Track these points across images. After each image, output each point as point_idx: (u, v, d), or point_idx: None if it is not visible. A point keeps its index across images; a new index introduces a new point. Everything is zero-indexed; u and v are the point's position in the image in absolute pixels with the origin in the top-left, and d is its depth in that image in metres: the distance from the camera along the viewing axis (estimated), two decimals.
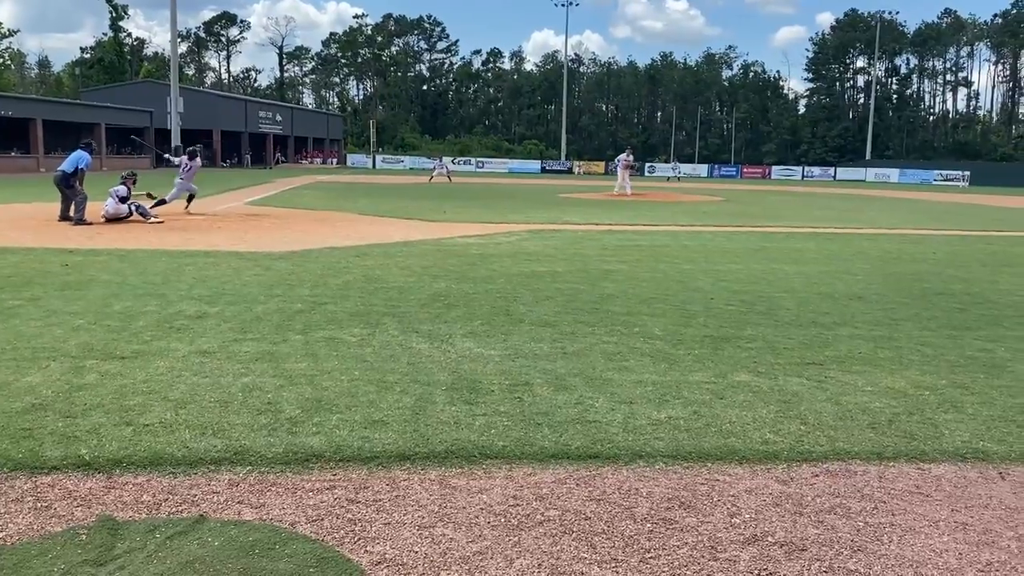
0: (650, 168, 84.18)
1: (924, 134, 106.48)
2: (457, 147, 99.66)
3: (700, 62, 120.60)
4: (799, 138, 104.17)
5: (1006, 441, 4.50)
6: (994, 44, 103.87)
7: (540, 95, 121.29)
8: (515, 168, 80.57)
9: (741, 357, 6.18)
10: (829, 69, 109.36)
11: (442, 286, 9.03)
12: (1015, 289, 10.03)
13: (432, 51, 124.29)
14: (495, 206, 24.64)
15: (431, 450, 4.10)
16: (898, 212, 27.70)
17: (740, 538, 3.29)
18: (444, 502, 3.54)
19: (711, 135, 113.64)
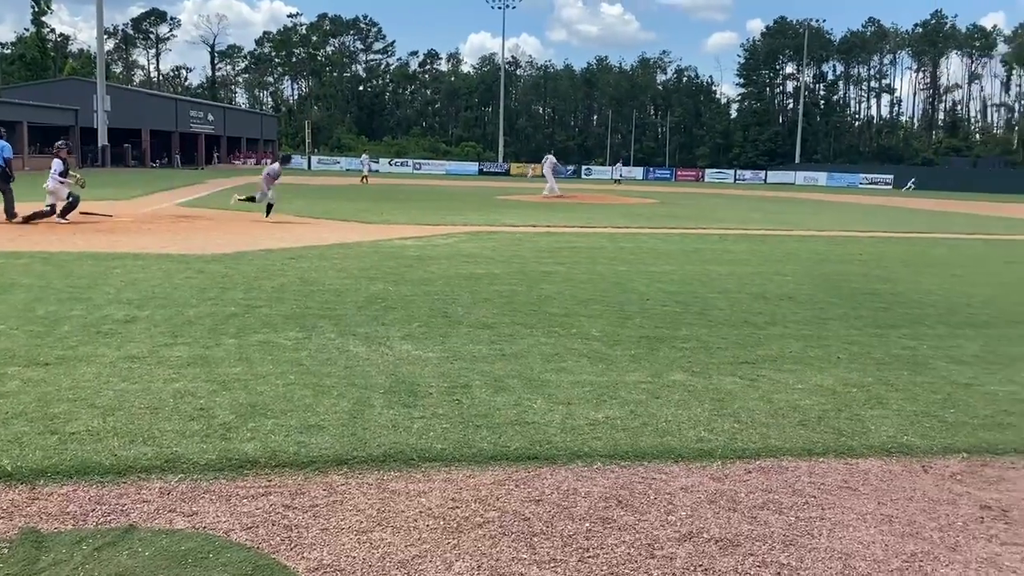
0: (587, 171, 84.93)
1: (850, 139, 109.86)
2: (394, 148, 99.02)
3: (635, 66, 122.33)
4: (731, 142, 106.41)
5: (928, 435, 4.67)
6: (915, 53, 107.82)
7: (477, 97, 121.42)
8: (453, 170, 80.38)
9: (676, 357, 6.27)
10: (760, 75, 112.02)
11: (379, 288, 8.96)
12: (936, 289, 10.42)
13: (368, 52, 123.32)
14: (433, 208, 24.54)
15: (369, 454, 4.06)
16: (826, 214, 28.51)
17: (676, 535, 3.34)
18: (382, 506, 3.51)
19: (646, 138, 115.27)
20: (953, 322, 8.14)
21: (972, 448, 4.49)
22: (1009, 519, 3.62)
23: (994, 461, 4.33)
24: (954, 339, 7.31)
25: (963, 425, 4.86)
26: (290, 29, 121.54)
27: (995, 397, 5.47)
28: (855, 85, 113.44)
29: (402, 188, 39.83)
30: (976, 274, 12.22)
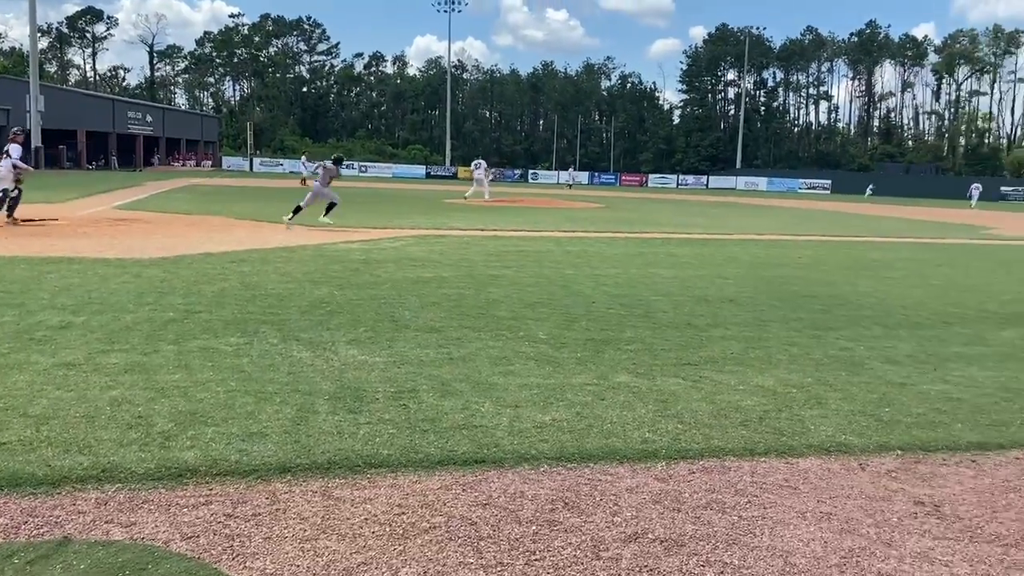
0: (534, 175, 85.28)
1: (790, 144, 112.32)
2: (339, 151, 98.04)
3: (580, 72, 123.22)
4: (674, 147, 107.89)
5: (865, 434, 4.79)
6: (851, 61, 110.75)
7: (424, 100, 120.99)
8: (399, 173, 79.94)
9: (621, 359, 6.34)
10: (702, 81, 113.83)
11: (324, 292, 8.86)
12: (872, 291, 10.71)
13: (312, 53, 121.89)
14: (379, 211, 24.37)
15: (313, 461, 4.01)
16: (766, 219, 29.11)
17: (622, 536, 3.37)
18: (327, 513, 3.47)
19: (591, 143, 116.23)
20: (888, 323, 8.37)
21: (906, 446, 4.63)
22: (941, 514, 3.74)
23: (927, 458, 4.47)
24: (889, 340, 7.53)
25: (898, 423, 5.01)
26: (231, 29, 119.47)
27: (928, 396, 5.65)
28: (794, 92, 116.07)
29: (347, 191, 39.45)
30: (909, 277, 12.60)
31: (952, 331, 8.10)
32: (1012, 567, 3.24)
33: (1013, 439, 4.82)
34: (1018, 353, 7.18)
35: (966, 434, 4.86)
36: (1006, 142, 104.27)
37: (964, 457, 4.50)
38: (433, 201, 32.66)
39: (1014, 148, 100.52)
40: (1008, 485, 4.13)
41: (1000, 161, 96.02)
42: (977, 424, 5.06)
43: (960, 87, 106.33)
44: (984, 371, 6.44)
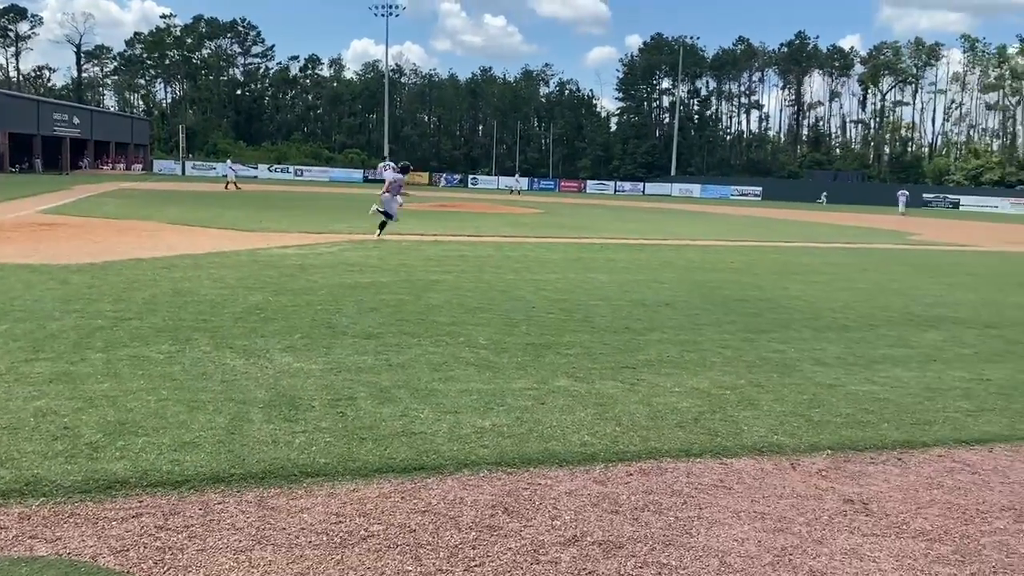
0: (473, 180, 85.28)
1: (722, 152, 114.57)
2: (274, 154, 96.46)
3: (519, 78, 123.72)
4: (611, 154, 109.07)
5: (796, 434, 4.91)
6: (781, 71, 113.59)
7: (361, 104, 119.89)
8: (337, 177, 79.11)
9: (561, 363, 6.37)
10: (638, 89, 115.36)
11: (258, 299, 8.70)
12: (802, 295, 10.99)
13: (247, 55, 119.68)
14: (316, 216, 24.06)
15: (248, 471, 3.93)
16: (701, 224, 29.65)
17: (561, 539, 3.39)
18: (262, 524, 3.41)
19: (530, 149, 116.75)
20: (817, 326, 8.61)
21: (836, 445, 4.76)
22: (869, 511, 3.85)
23: (856, 457, 4.60)
24: (818, 342, 7.73)
25: (827, 424, 5.15)
26: (163, 30, 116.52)
27: (856, 396, 5.82)
28: (727, 101, 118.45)
29: (283, 195, 38.86)
30: (837, 281, 12.97)
31: (878, 333, 8.37)
32: (935, 561, 3.36)
33: (936, 437, 4.99)
34: (940, 355, 7.45)
35: (892, 433, 5.02)
36: (927, 150, 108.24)
37: (890, 455, 4.65)
38: (371, 206, 32.35)
39: (935, 156, 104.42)
40: (932, 482, 4.28)
41: (922, 169, 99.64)
42: (902, 423, 5.24)
43: (884, 97, 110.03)
44: (909, 372, 6.67)
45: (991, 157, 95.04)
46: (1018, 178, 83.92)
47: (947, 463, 4.57)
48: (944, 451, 4.77)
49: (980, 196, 76.35)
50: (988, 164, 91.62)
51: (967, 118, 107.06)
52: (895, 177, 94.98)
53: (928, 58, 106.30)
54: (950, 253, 20.82)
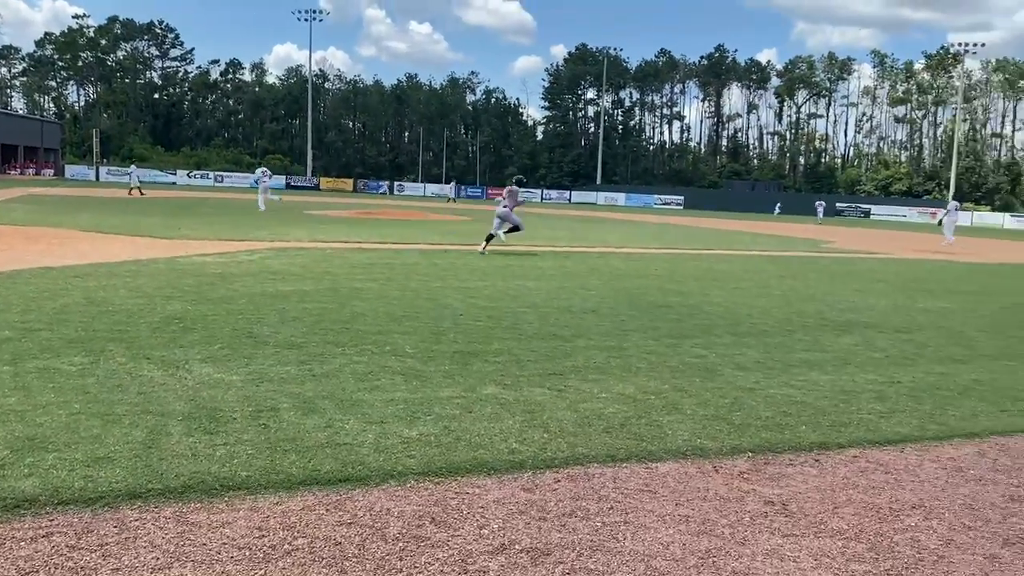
0: (399, 187, 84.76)
1: (646, 162, 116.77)
2: (194, 160, 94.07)
3: (445, 85, 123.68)
4: (538, 162, 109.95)
5: (719, 437, 5.02)
6: (702, 83, 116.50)
7: (284, 109, 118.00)
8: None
9: (489, 371, 6.37)
10: (563, 99, 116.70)
11: (177, 308, 8.45)
12: (723, 301, 11.26)
13: (164, 58, 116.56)
14: (236, 223, 23.51)
15: (166, 485, 3.81)
16: (625, 232, 30.11)
17: (489, 548, 3.38)
18: (181, 540, 3.30)
19: (457, 156, 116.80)
20: (738, 331, 8.82)
21: (756, 448, 4.88)
22: (789, 512, 3.96)
23: (775, 459, 4.73)
24: (739, 347, 7.93)
25: (748, 427, 5.27)
26: (75, 31, 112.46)
27: (775, 400, 5.98)
28: (649, 112, 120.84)
29: (203, 201, 37.88)
30: (756, 287, 13.33)
31: (795, 338, 8.62)
32: (852, 559, 3.47)
33: (851, 438, 5.17)
34: (854, 358, 7.72)
35: (809, 435, 5.18)
36: (840, 161, 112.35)
37: (808, 457, 4.79)
38: (293, 213, 31.84)
39: (847, 167, 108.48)
40: (847, 482, 4.42)
41: (835, 179, 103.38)
42: (819, 425, 5.40)
43: (800, 109, 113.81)
44: (824, 375, 6.89)
45: (900, 168, 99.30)
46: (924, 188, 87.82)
47: (861, 463, 4.73)
48: (859, 452, 4.94)
49: (890, 205, 79.72)
50: (897, 175, 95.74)
51: (877, 130, 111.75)
52: (810, 187, 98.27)
53: (840, 72, 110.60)
54: (862, 260, 21.63)
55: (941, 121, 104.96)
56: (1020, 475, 4.67)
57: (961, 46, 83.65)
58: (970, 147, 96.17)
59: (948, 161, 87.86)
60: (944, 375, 7.15)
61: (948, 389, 6.62)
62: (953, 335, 9.35)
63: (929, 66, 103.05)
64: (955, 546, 3.65)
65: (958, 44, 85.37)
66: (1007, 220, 71.09)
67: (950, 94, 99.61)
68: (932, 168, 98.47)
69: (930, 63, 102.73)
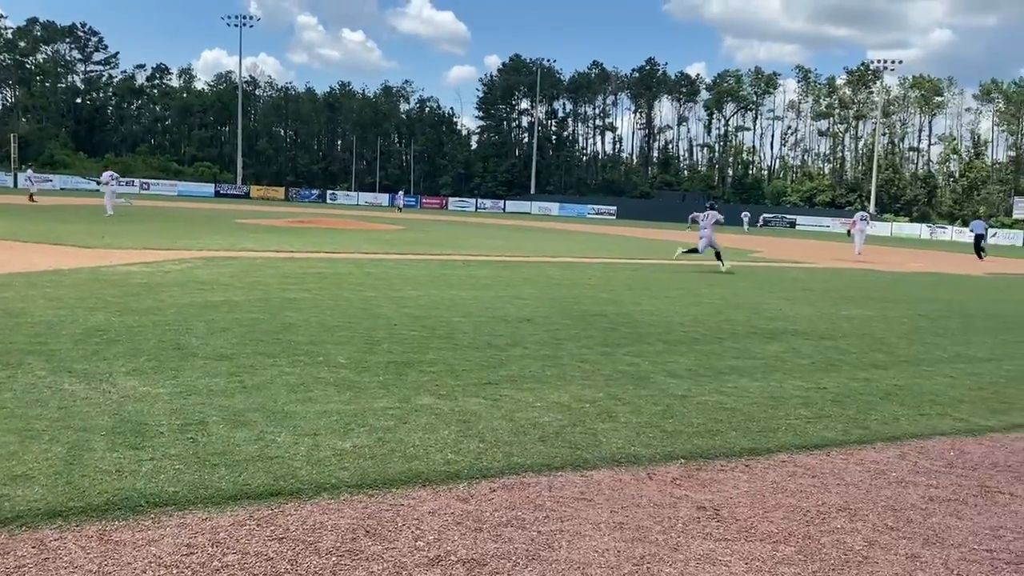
0: (332, 196, 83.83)
1: (579, 172, 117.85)
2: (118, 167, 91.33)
3: (378, 94, 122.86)
4: (472, 172, 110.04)
5: (652, 444, 5.08)
6: (633, 95, 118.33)
7: (213, 116, 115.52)
8: (186, 191, 75.87)
9: (424, 381, 6.33)
10: (497, 109, 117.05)
11: (101, 319, 8.18)
12: (655, 310, 11.43)
13: (87, 62, 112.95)
14: (164, 231, 22.91)
15: (88, 503, 3.67)
16: (559, 242, 30.33)
17: (424, 560, 3.35)
18: (104, 560, 3.18)
19: (391, 165, 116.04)
20: (669, 339, 8.96)
21: (688, 454, 4.96)
22: (720, 517, 4.03)
23: (707, 465, 4.81)
24: (671, 355, 8.05)
25: (680, 433, 5.36)
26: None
27: (706, 406, 6.09)
28: (583, 123, 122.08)
29: (128, 209, 36.80)
30: (686, 296, 13.57)
31: (725, 346, 8.80)
32: (781, 562, 3.55)
33: (779, 443, 5.30)
34: (782, 365, 7.92)
35: (740, 441, 5.29)
36: (767, 173, 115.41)
37: (739, 462, 4.89)
38: (223, 221, 31.18)
39: (773, 179, 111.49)
40: (777, 486, 4.52)
41: (762, 190, 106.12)
42: (749, 431, 5.52)
43: (728, 122, 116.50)
44: (753, 382, 7.05)
45: (823, 180, 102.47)
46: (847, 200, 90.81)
47: (790, 468, 4.85)
48: (787, 457, 5.06)
49: (814, 216, 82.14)
50: (820, 186, 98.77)
51: (802, 143, 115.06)
52: (738, 198, 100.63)
53: (767, 86, 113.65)
54: (788, 269, 22.24)
55: (862, 135, 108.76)
56: (939, 477, 4.85)
57: (880, 63, 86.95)
58: (889, 160, 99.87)
59: (869, 173, 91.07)
60: (867, 381, 7.39)
61: (870, 394, 6.84)
62: (875, 342, 9.67)
63: (850, 81, 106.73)
64: (879, 547, 3.77)
65: (877, 61, 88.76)
66: (924, 231, 74.04)
67: (870, 109, 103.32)
68: (854, 180, 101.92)
69: (851, 79, 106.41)
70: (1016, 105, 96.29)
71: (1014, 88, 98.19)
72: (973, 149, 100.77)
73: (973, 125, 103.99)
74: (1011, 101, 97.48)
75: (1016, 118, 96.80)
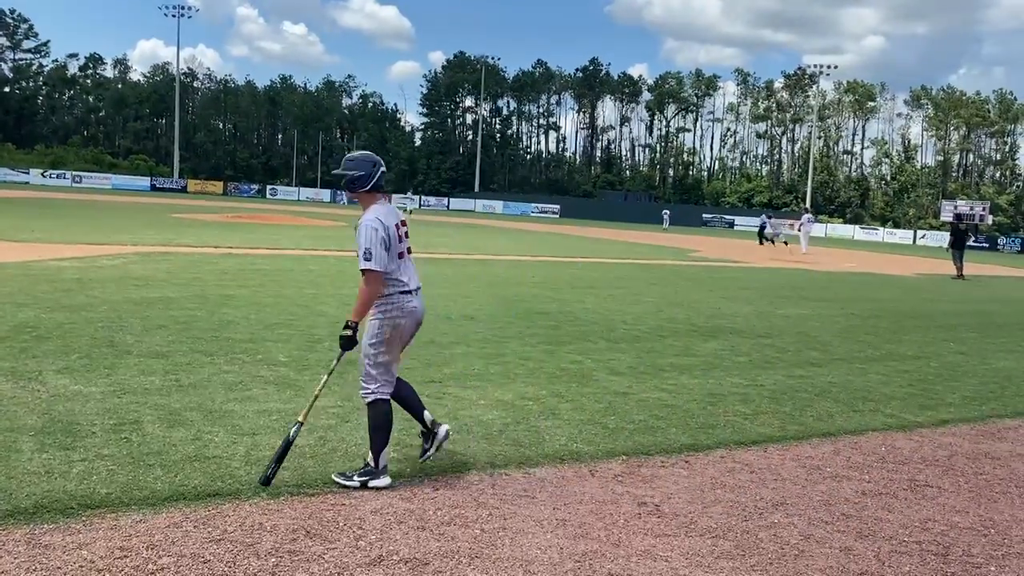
0: (272, 191, 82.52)
1: (523, 171, 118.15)
2: (49, 159, 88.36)
3: (320, 88, 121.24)
4: (416, 169, 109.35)
5: (594, 442, 5.12)
6: (577, 95, 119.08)
7: (149, 108, 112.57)
8: (120, 184, 73.77)
9: None
10: (442, 106, 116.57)
11: (30, 315, 7.90)
12: (597, 308, 11.52)
13: (16, 50, 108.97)
14: (96, 225, 22.24)
15: (16, 506, 3.55)
16: (503, 240, 30.35)
17: (366, 560, 3.32)
18: (33, 564, 3.08)
19: (333, 161, 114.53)
20: (611, 337, 9.05)
21: (630, 451, 5.01)
22: (661, 513, 4.08)
23: (648, 461, 4.87)
24: (612, 353, 8.13)
25: (622, 430, 5.41)
26: None
27: (647, 403, 6.17)
28: (527, 121, 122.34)
29: (59, 203, 35.63)
30: (628, 294, 13.72)
31: (666, 343, 8.92)
32: (721, 556, 3.61)
33: (718, 439, 5.39)
34: (720, 362, 8.06)
35: (680, 437, 5.36)
36: (707, 174, 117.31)
37: (679, 459, 4.96)
38: (159, 215, 30.42)
39: (713, 179, 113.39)
40: (716, 482, 4.60)
41: (702, 191, 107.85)
42: (688, 427, 5.60)
43: (669, 123, 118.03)
44: (693, 379, 7.16)
45: (761, 181, 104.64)
46: (783, 201, 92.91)
47: (728, 464, 4.94)
48: (725, 452, 5.15)
49: (752, 216, 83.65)
50: (759, 187, 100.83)
51: (740, 145, 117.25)
52: (678, 198, 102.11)
53: (707, 89, 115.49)
54: (727, 269, 22.64)
55: (798, 138, 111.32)
56: (871, 471, 4.99)
57: (816, 67, 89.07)
58: (824, 163, 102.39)
59: (805, 175, 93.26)
60: (803, 378, 7.57)
61: (806, 391, 7.01)
62: (810, 340, 9.91)
63: (787, 85, 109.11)
64: (814, 540, 3.86)
65: (813, 66, 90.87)
66: (857, 232, 76.13)
67: (806, 112, 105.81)
68: (790, 181, 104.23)
69: (788, 82, 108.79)
70: (944, 112, 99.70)
71: (942, 95, 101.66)
72: (904, 153, 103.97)
73: (904, 130, 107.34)
74: (939, 108, 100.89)
75: (944, 124, 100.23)
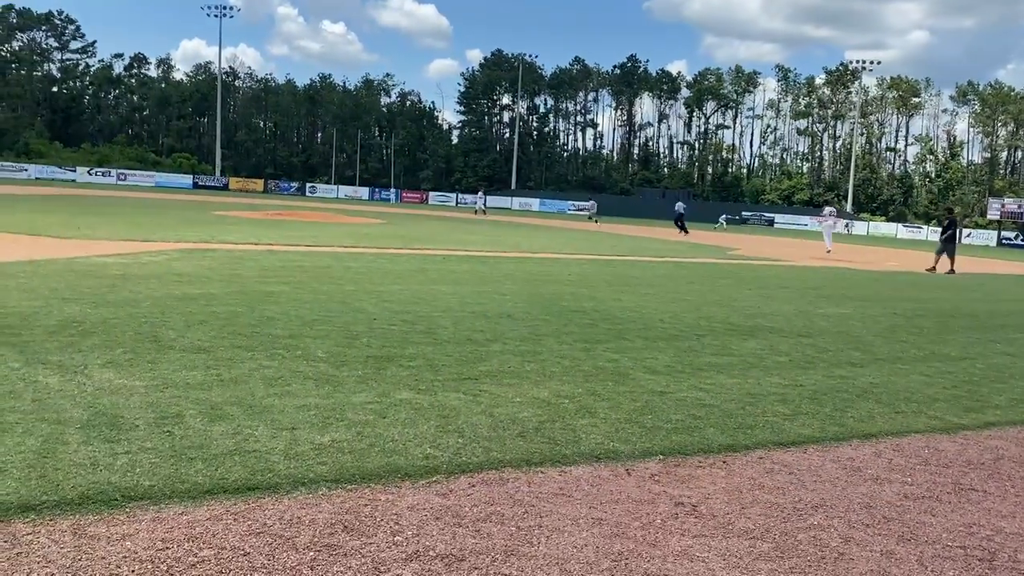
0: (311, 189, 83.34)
1: (560, 168, 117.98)
2: (95, 157, 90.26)
3: (359, 87, 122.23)
4: (453, 166, 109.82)
5: (631, 440, 5.10)
6: (614, 92, 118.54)
7: (192, 106, 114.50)
8: (164, 182, 75.16)
9: (403, 375, 6.31)
10: (479, 104, 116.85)
11: (75, 311, 8.08)
12: (634, 306, 11.46)
13: (64, 50, 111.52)
14: (141, 223, 22.66)
15: (62, 497, 3.63)
16: (539, 238, 30.34)
17: (403, 555, 3.34)
18: (79, 554, 3.14)
19: (371, 159, 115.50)
20: (649, 336, 8.99)
21: (667, 450, 4.98)
22: (698, 513, 4.05)
23: (685, 461, 4.83)
24: (650, 351, 8.08)
25: (659, 429, 5.38)
26: None
27: (684, 403, 6.12)
28: (564, 118, 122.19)
29: (105, 200, 36.40)
30: (666, 293, 13.63)
31: (704, 342, 8.84)
32: (759, 558, 3.57)
33: (757, 440, 5.33)
34: (759, 362, 7.97)
35: (718, 437, 5.31)
36: (746, 171, 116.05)
37: (717, 459, 4.91)
38: (201, 213, 30.91)
39: (752, 177, 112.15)
40: (754, 483, 4.55)
41: (741, 188, 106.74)
42: (727, 427, 5.55)
43: (708, 120, 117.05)
44: (731, 378, 7.09)
45: (801, 179, 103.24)
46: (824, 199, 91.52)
47: (767, 464, 4.88)
48: (764, 453, 5.10)
49: (792, 214, 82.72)
50: (799, 185, 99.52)
51: (781, 142, 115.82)
52: (717, 196, 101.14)
53: (747, 85, 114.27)
54: (766, 267, 22.38)
55: (840, 134, 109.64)
56: (913, 474, 4.90)
57: (859, 63, 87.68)
58: (866, 160, 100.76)
59: (846, 173, 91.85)
60: (843, 378, 7.45)
61: (847, 392, 6.90)
62: (851, 339, 9.76)
63: (829, 81, 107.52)
64: (854, 543, 3.80)
65: (856, 61, 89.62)
66: (900, 230, 74.81)
67: (848, 109, 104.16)
68: (832, 179, 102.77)
69: (830, 78, 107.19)
70: (991, 107, 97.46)
71: (990, 90, 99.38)
72: (949, 150, 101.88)
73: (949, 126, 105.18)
74: (987, 103, 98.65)
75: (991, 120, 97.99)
